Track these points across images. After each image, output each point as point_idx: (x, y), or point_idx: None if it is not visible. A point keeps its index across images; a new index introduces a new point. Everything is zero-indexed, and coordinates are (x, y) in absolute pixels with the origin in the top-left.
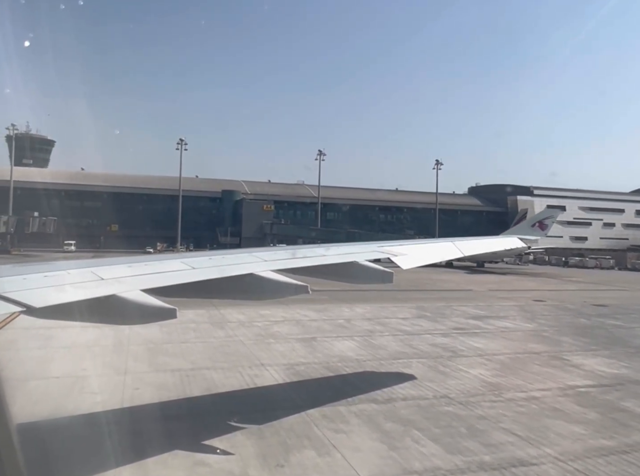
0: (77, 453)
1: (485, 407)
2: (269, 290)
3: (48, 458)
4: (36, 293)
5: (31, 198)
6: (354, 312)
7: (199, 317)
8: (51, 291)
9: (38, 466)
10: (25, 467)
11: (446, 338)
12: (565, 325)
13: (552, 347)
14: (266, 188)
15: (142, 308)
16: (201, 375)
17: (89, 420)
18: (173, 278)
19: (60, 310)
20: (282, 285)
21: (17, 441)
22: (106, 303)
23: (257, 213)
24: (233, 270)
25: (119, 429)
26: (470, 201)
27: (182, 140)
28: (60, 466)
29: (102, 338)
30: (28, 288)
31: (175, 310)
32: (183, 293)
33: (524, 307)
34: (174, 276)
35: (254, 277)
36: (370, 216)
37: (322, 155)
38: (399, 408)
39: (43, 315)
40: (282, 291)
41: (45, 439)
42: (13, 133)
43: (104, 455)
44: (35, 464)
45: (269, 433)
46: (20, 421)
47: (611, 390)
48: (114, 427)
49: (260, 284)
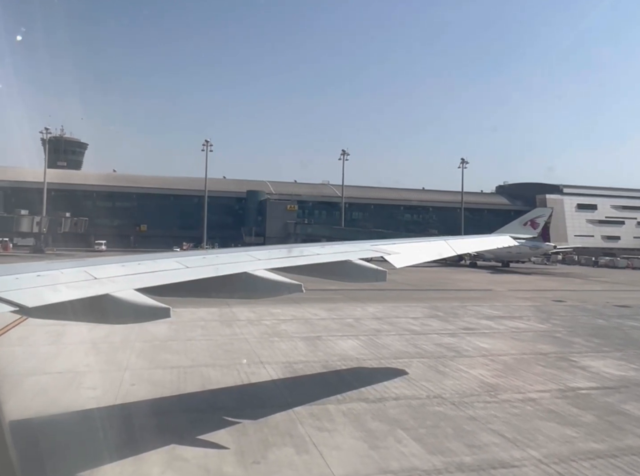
0: (58, 448)
1: (477, 408)
2: (263, 289)
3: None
4: (29, 293)
5: (64, 200)
6: (366, 311)
7: (210, 315)
8: (44, 290)
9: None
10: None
11: (453, 338)
12: (580, 326)
13: (561, 348)
14: (291, 188)
15: (136, 307)
16: (199, 372)
17: (79, 415)
18: (167, 278)
19: (53, 310)
20: (276, 284)
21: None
22: (100, 303)
23: (281, 213)
24: (227, 269)
25: (106, 425)
26: (497, 200)
27: (207, 141)
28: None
29: (111, 334)
30: (21, 288)
31: (169, 310)
32: (177, 292)
33: (541, 308)
34: (168, 275)
35: (247, 275)
36: (396, 215)
37: (346, 155)
38: (389, 408)
39: (36, 314)
40: (276, 290)
41: (31, 434)
42: (46, 137)
43: (84, 450)
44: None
45: (252, 430)
46: (13, 416)
47: (614, 392)
48: (101, 423)
49: (254, 283)
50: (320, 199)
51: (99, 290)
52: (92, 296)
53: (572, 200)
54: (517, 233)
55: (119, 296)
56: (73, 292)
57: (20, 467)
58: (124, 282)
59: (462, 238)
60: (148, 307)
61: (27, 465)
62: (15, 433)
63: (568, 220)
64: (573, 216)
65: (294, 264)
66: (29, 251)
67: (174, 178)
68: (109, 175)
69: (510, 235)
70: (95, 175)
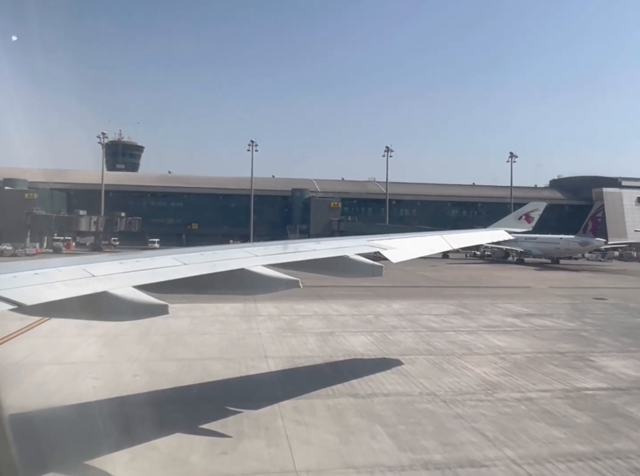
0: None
1: (467, 406)
2: (260, 285)
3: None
4: (27, 291)
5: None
6: (389, 308)
7: (233, 310)
8: (42, 288)
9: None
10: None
11: (470, 335)
12: (613, 325)
13: (583, 347)
14: (337, 186)
15: (134, 304)
16: (202, 365)
17: (74, 404)
18: (164, 275)
19: (51, 308)
20: (273, 279)
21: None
22: (98, 300)
23: (325, 210)
24: (224, 266)
25: (96, 413)
26: (551, 194)
27: (252, 141)
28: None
29: (132, 328)
30: (18, 286)
31: (166, 306)
32: (175, 289)
33: (577, 305)
34: (166, 272)
35: (245, 272)
36: (443, 212)
37: (390, 151)
38: (376, 404)
39: (34, 312)
40: (273, 286)
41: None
42: (103, 141)
43: (67, 438)
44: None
45: (232, 422)
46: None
47: (622, 394)
48: (91, 413)
49: (251, 279)
50: (365, 196)
51: (97, 288)
52: (90, 293)
53: (631, 194)
54: (512, 227)
55: (117, 293)
56: (71, 290)
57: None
58: (121, 279)
59: (457, 232)
60: (146, 303)
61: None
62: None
63: (627, 215)
64: (633, 210)
65: (290, 260)
66: (89, 249)
67: (223, 178)
68: (163, 176)
69: (505, 230)
70: (150, 176)
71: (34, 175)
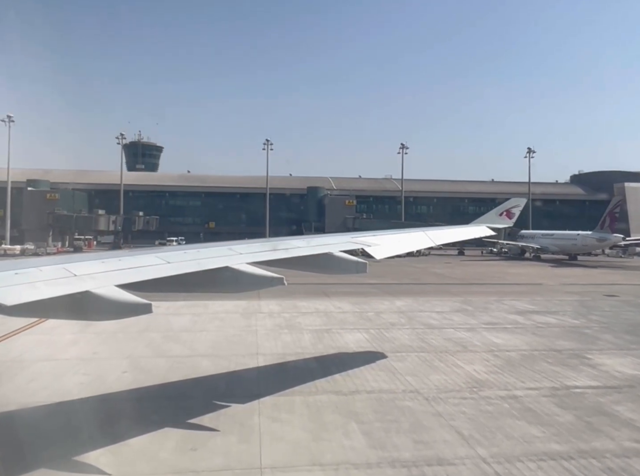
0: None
1: (449, 404)
2: (245, 283)
3: None
4: (7, 291)
5: (140, 199)
6: (392, 305)
7: (235, 307)
8: (23, 288)
9: None
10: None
11: (468, 332)
12: (618, 322)
13: (581, 345)
14: (353, 183)
15: (117, 303)
16: (192, 362)
17: (58, 399)
18: (148, 273)
19: (33, 308)
20: (257, 277)
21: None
22: (80, 300)
23: (340, 208)
24: (208, 264)
25: (76, 409)
26: (572, 190)
27: (267, 140)
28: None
29: (132, 325)
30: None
31: (150, 305)
32: (159, 287)
33: (585, 302)
34: (149, 271)
35: (229, 270)
36: (461, 208)
37: (405, 148)
38: (357, 401)
39: (16, 313)
40: (257, 283)
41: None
42: (122, 142)
43: (43, 433)
44: None
45: (208, 419)
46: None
47: (613, 392)
48: (73, 407)
49: (236, 277)
50: (381, 193)
51: (79, 287)
52: (72, 293)
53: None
54: (494, 223)
55: (100, 292)
56: (53, 289)
57: None
58: (104, 279)
59: (440, 228)
60: (129, 303)
61: None
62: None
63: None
64: None
65: (275, 257)
66: (108, 248)
67: (241, 177)
68: (182, 176)
69: (486, 225)
70: (169, 175)
71: (57, 176)
